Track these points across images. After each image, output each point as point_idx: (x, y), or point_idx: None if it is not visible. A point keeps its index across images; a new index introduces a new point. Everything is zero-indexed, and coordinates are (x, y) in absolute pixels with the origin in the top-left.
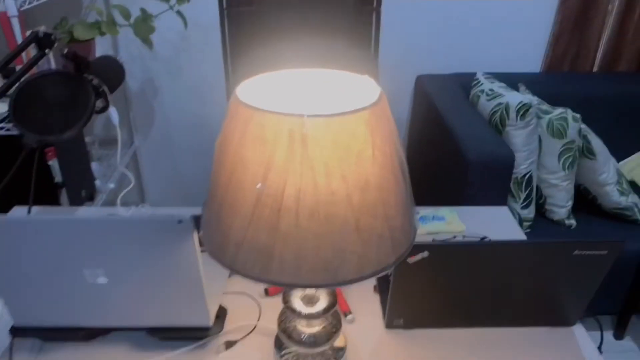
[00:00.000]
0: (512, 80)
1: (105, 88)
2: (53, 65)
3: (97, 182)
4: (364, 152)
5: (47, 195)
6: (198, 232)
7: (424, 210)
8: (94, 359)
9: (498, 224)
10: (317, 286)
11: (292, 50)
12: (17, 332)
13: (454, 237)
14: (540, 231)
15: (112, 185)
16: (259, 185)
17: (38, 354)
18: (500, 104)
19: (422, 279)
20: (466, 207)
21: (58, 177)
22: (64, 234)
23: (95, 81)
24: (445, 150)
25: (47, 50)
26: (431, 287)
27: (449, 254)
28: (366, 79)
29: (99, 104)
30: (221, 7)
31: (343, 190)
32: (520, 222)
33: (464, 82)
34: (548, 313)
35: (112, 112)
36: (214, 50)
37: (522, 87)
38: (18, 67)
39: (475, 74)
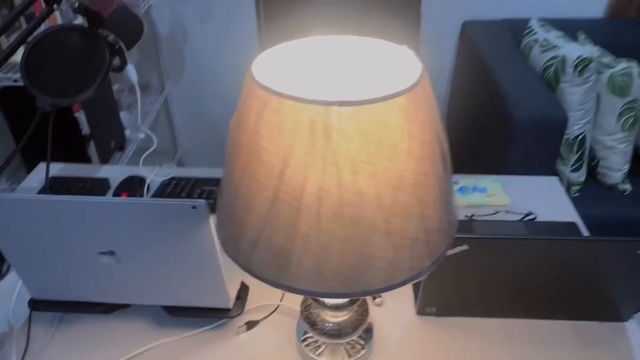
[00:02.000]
0: (570, 28)
1: (121, 44)
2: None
3: (127, 132)
4: (398, 144)
5: (76, 148)
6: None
7: (464, 180)
8: (113, 332)
9: (546, 196)
10: (339, 296)
11: None
12: (35, 304)
13: (496, 212)
14: (590, 196)
15: (142, 136)
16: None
17: (58, 326)
18: (555, 57)
19: (460, 269)
20: (511, 177)
21: (86, 129)
22: (78, 215)
23: (111, 37)
24: (490, 107)
25: (55, 6)
26: (469, 277)
27: (491, 247)
28: (405, 50)
29: (116, 61)
30: None
31: (372, 189)
32: (569, 186)
33: (516, 30)
34: (597, 307)
35: (130, 70)
36: None
37: (582, 36)
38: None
39: (528, 20)
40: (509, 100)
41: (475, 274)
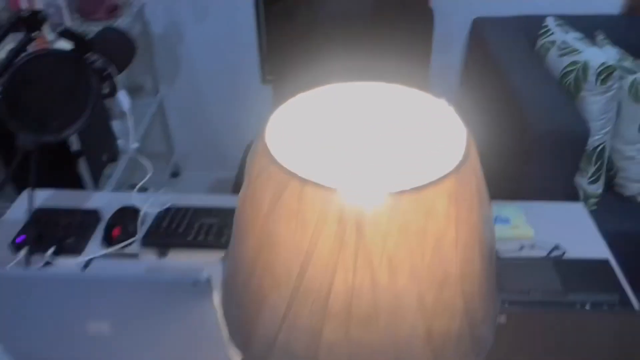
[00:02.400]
0: (586, 25)
1: (111, 70)
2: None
3: (120, 142)
4: (444, 234)
5: (65, 165)
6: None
7: None
8: None
9: (572, 226)
10: None
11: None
12: None
13: (521, 247)
14: (608, 209)
15: (136, 145)
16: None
17: None
18: (576, 62)
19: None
20: (532, 203)
21: (75, 145)
22: (69, 291)
23: (99, 62)
24: (504, 114)
25: (35, 33)
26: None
27: (530, 317)
28: (443, 105)
29: (106, 87)
30: None
31: (413, 289)
32: (586, 198)
33: (530, 28)
34: None
35: (122, 97)
36: None
37: (600, 36)
38: None
39: (543, 17)
40: (526, 110)
41: (514, 348)
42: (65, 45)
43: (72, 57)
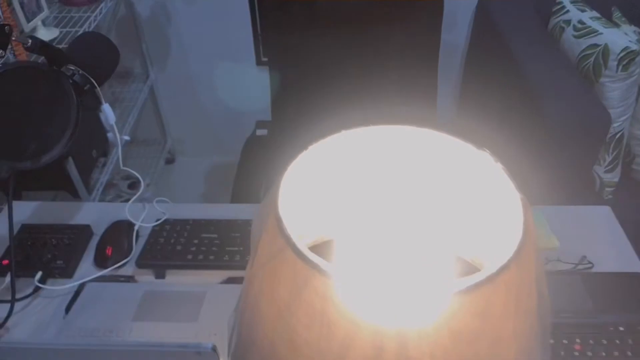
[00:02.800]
0: (603, 1)
1: (91, 83)
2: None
3: (110, 135)
4: (500, 335)
5: (52, 165)
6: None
7: None
8: None
9: (598, 233)
10: None
11: None
12: None
13: (546, 261)
14: (625, 198)
15: (127, 138)
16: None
17: None
18: (595, 45)
19: None
20: (554, 208)
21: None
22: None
23: (78, 76)
24: (516, 102)
25: (1, 52)
26: None
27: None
28: (487, 159)
29: (88, 101)
30: None
31: None
32: (602, 187)
33: (541, 4)
34: None
35: (106, 110)
36: None
37: (617, 13)
38: None
39: None
40: (542, 97)
41: None
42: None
43: (46, 71)
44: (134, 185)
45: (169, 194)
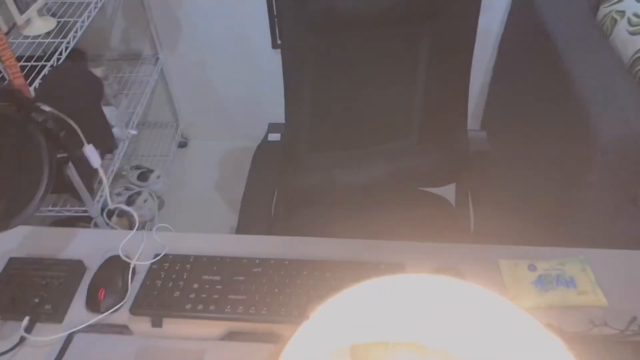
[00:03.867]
0: None
1: (69, 126)
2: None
3: (116, 130)
4: None
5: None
6: None
7: (543, 264)
8: None
9: None
10: None
11: None
12: None
13: (592, 325)
14: None
15: (134, 132)
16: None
17: None
18: None
19: None
20: (599, 252)
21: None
22: None
23: (51, 121)
24: (556, 104)
25: None
26: None
27: None
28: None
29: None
30: None
31: None
32: None
33: None
34: None
35: (89, 154)
36: None
37: None
38: None
39: None
40: (588, 107)
41: None
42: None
43: (12, 119)
44: (144, 175)
45: (182, 180)
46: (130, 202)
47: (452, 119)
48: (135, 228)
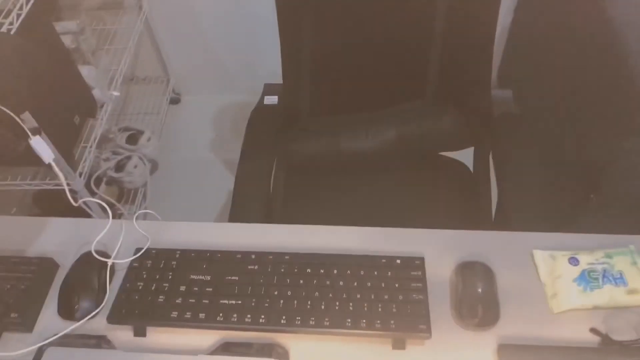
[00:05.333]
0: None
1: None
2: None
3: (96, 92)
4: None
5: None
6: None
7: (587, 256)
8: None
9: None
10: None
11: None
12: None
13: None
14: None
15: (116, 94)
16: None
17: None
18: None
19: None
20: None
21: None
22: None
23: None
24: (589, 58)
25: None
26: None
27: None
28: None
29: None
30: None
31: None
32: None
33: None
34: None
35: (36, 146)
36: None
37: None
38: None
39: None
40: (635, 60)
41: None
42: None
43: None
44: (133, 137)
45: (175, 139)
46: (119, 167)
47: (474, 76)
48: (105, 230)
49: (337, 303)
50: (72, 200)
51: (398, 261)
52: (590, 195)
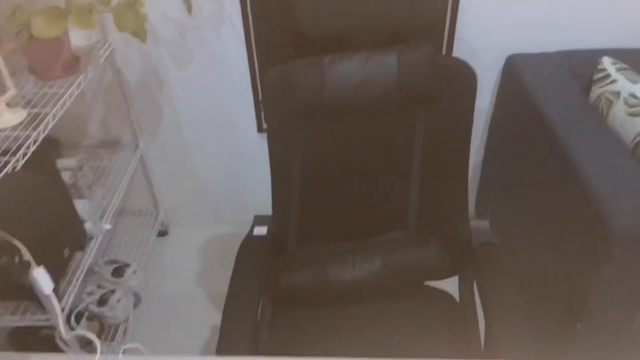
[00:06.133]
0: None
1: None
2: None
3: (88, 224)
4: None
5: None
6: None
7: None
8: None
9: None
10: None
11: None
12: None
13: None
14: None
15: (107, 226)
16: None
17: None
18: None
19: None
20: None
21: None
22: None
23: None
24: (559, 189)
25: None
26: None
27: None
28: None
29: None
30: None
31: None
32: None
33: (579, 67)
34: None
35: (39, 278)
36: (232, 27)
37: None
38: None
39: (593, 53)
40: (599, 194)
41: None
42: None
43: None
44: (119, 270)
45: (161, 272)
46: (102, 301)
47: (452, 208)
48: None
49: None
50: (63, 334)
51: None
52: (577, 324)
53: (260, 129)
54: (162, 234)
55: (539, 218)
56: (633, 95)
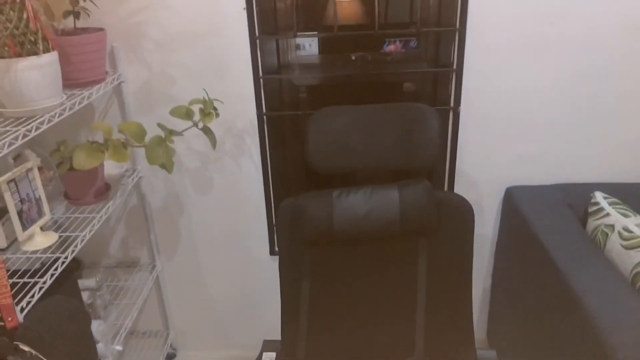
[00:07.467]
0: (633, 194)
1: None
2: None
3: (100, 346)
4: None
5: None
6: None
7: None
8: None
9: None
10: None
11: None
12: None
13: None
14: None
15: (119, 348)
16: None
17: None
18: None
19: None
20: None
21: None
22: None
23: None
24: (562, 319)
25: None
26: None
27: None
28: None
29: None
30: (259, 109)
31: None
32: None
33: (574, 198)
34: None
35: None
36: (251, 159)
37: None
38: None
39: (587, 187)
40: (600, 325)
41: None
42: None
43: None
44: None
45: None
46: None
47: (458, 336)
48: None
49: None
50: None
51: None
52: None
53: (272, 252)
54: (171, 356)
55: (545, 346)
56: (626, 229)
